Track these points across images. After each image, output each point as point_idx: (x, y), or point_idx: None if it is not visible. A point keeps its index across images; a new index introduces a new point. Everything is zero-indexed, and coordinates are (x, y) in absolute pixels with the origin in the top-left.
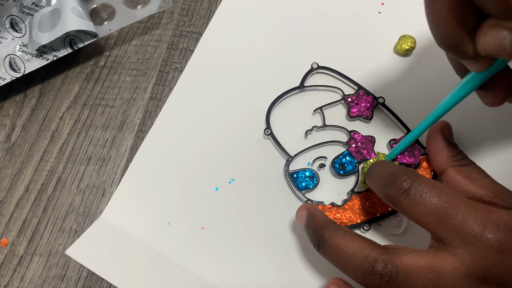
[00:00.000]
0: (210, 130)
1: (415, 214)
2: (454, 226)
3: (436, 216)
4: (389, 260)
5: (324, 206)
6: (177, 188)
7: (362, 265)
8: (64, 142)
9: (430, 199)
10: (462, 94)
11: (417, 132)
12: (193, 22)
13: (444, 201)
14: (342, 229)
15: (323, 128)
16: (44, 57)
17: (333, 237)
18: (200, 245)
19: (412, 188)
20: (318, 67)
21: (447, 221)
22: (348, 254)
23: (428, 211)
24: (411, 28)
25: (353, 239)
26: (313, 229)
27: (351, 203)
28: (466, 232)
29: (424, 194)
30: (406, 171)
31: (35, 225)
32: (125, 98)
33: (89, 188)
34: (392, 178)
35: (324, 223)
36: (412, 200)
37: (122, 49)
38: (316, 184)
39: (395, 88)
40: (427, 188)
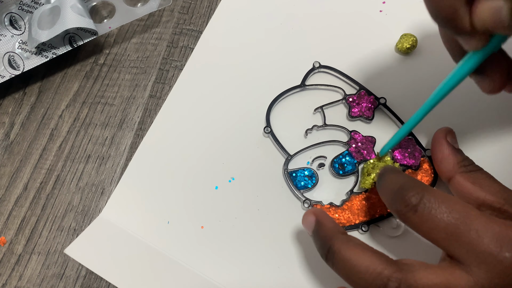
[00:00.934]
0: (210, 129)
1: (425, 230)
2: (468, 244)
3: (447, 233)
4: (403, 279)
5: (323, 206)
6: (176, 187)
7: (374, 283)
8: (63, 140)
9: (441, 215)
10: (458, 77)
11: (412, 122)
12: (193, 20)
13: (456, 217)
14: (353, 241)
15: (323, 127)
16: (43, 54)
17: (343, 250)
18: (199, 244)
19: (421, 204)
20: (320, 66)
21: (460, 238)
22: (359, 270)
23: (438, 228)
24: (413, 27)
25: (364, 253)
26: (322, 238)
27: (350, 204)
28: (481, 251)
29: (434, 210)
30: (415, 186)
31: (33, 224)
32: (125, 96)
33: (88, 186)
34: (401, 193)
35: (334, 233)
36: (421, 216)
37: (122, 47)
38: (315, 183)
39: (397, 88)
40: (437, 204)
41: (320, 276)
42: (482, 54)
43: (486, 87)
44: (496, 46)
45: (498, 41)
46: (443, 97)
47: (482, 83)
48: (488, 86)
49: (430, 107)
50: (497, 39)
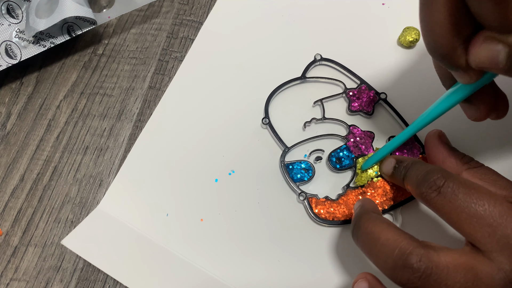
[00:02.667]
0: (210, 120)
1: (447, 212)
2: (489, 227)
3: (468, 215)
4: (424, 254)
5: (318, 199)
6: (176, 179)
7: (394, 256)
8: (60, 131)
9: (463, 197)
10: (447, 105)
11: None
12: (193, 11)
13: (477, 200)
14: (381, 219)
15: (322, 120)
16: (41, 44)
17: (369, 224)
18: (199, 237)
19: (445, 185)
20: (322, 59)
21: (481, 221)
22: (380, 242)
23: (460, 209)
24: (415, 20)
25: (389, 228)
26: (355, 216)
27: (346, 198)
28: (503, 235)
29: (457, 191)
30: (441, 170)
31: (30, 215)
32: (124, 87)
33: (86, 178)
34: (426, 176)
35: (367, 211)
36: (444, 197)
37: (121, 38)
38: (311, 176)
39: (398, 83)
40: (461, 186)
41: (320, 270)
42: (473, 87)
43: (471, 115)
44: (487, 80)
45: (490, 76)
46: (430, 122)
47: (468, 111)
48: (474, 115)
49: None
50: (489, 75)
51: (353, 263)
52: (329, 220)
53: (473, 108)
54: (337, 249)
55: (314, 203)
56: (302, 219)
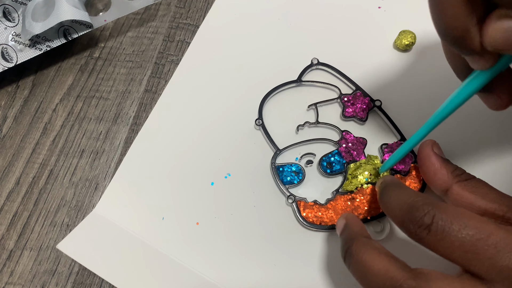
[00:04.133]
0: (206, 123)
1: (441, 250)
2: (488, 259)
3: (464, 251)
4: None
5: (307, 203)
6: (172, 183)
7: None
8: (56, 134)
9: (456, 232)
10: (464, 96)
11: (416, 138)
12: (190, 14)
13: (472, 234)
14: (372, 244)
15: (315, 124)
16: (37, 47)
17: (360, 251)
18: (194, 240)
19: (434, 222)
20: (318, 63)
21: (478, 255)
22: (373, 272)
23: (454, 246)
24: (411, 23)
25: (380, 257)
26: (344, 239)
27: (334, 203)
28: (503, 265)
29: (448, 228)
30: (425, 203)
31: (25, 219)
32: (120, 90)
33: (82, 181)
34: (412, 213)
35: (356, 235)
36: (435, 235)
37: (117, 41)
38: (301, 180)
39: (394, 89)
40: (451, 220)
41: (316, 274)
42: (490, 73)
43: (492, 104)
44: (505, 65)
45: (507, 60)
46: (448, 115)
47: (488, 100)
48: (495, 103)
49: (435, 124)
50: (506, 58)
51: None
52: (316, 224)
53: (493, 96)
54: (324, 253)
55: (302, 207)
56: (290, 222)
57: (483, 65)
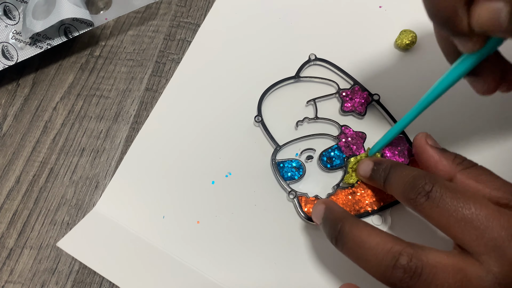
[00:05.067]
0: (207, 122)
1: (435, 217)
2: (477, 230)
3: (456, 218)
4: (414, 254)
5: (308, 198)
6: (172, 181)
7: (385, 258)
8: (57, 132)
9: (451, 201)
10: (452, 79)
11: (406, 120)
12: (191, 13)
13: (464, 203)
14: (363, 222)
15: (314, 120)
16: (38, 45)
17: (353, 229)
18: (195, 239)
19: (433, 190)
20: (316, 59)
21: (469, 224)
22: (370, 246)
23: (448, 213)
24: (412, 23)
25: (375, 232)
26: (332, 221)
27: (335, 198)
28: (490, 238)
29: (445, 196)
30: (427, 175)
31: (26, 217)
32: (121, 89)
33: (82, 180)
34: (413, 182)
35: (344, 215)
36: (432, 202)
37: (118, 39)
38: (301, 175)
39: (393, 85)
40: (448, 190)
41: (317, 272)
42: (478, 56)
43: (479, 88)
44: (492, 49)
45: (494, 44)
46: (437, 98)
47: (476, 84)
48: (482, 88)
49: (424, 107)
50: (494, 42)
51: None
52: None
53: (480, 81)
54: (326, 248)
55: (303, 202)
56: (291, 218)
57: (471, 48)
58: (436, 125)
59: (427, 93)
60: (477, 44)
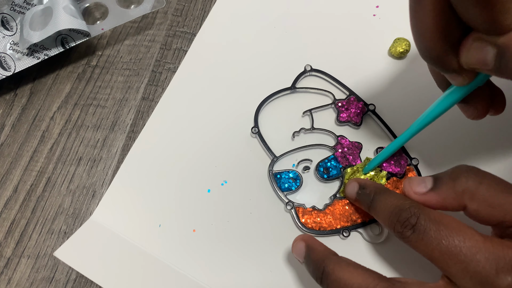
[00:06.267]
0: (203, 131)
1: (421, 248)
2: (462, 263)
3: (441, 251)
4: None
5: (305, 209)
6: (169, 190)
7: None
8: (54, 142)
9: (435, 234)
10: (443, 107)
11: (400, 141)
12: (187, 22)
13: (448, 236)
14: (345, 261)
15: (311, 130)
16: (35, 56)
17: (336, 269)
18: (191, 247)
19: (418, 223)
20: (311, 70)
21: (453, 257)
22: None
23: (433, 245)
24: (406, 31)
25: (357, 272)
26: (314, 262)
27: (333, 208)
28: (476, 271)
29: (428, 229)
30: (411, 206)
31: (23, 226)
32: (117, 98)
33: (79, 189)
34: (399, 214)
35: (326, 255)
36: (417, 235)
37: (114, 49)
38: (299, 186)
39: (388, 94)
40: (432, 222)
41: (313, 282)
42: (467, 89)
43: (469, 114)
44: (481, 82)
45: (483, 78)
46: (428, 124)
47: (466, 110)
48: (472, 114)
49: (418, 130)
50: (482, 76)
51: None
52: (315, 229)
53: (471, 107)
54: None
55: (301, 213)
56: (290, 228)
57: (461, 82)
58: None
59: (419, 118)
60: (467, 79)
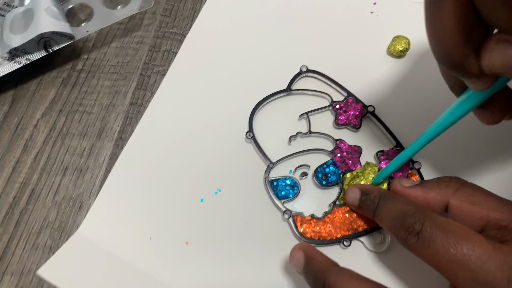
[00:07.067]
0: (195, 137)
1: (427, 257)
2: (471, 272)
3: (448, 260)
4: None
5: (304, 217)
6: (159, 200)
7: None
8: (38, 151)
9: (442, 242)
10: (460, 114)
11: (410, 151)
12: (176, 23)
13: (456, 244)
14: (348, 272)
15: (308, 134)
16: (16, 60)
17: (338, 282)
18: (184, 261)
19: (423, 230)
20: (307, 71)
21: (462, 266)
22: None
23: (440, 254)
24: (405, 29)
25: (361, 285)
26: (314, 273)
27: (332, 216)
28: (486, 281)
29: (435, 236)
30: (416, 212)
31: (6, 242)
32: (104, 104)
33: (65, 200)
34: (403, 220)
35: (327, 265)
36: (423, 242)
37: (101, 52)
38: (296, 193)
39: (387, 95)
40: (439, 229)
41: None
42: (486, 93)
43: (485, 119)
44: (501, 86)
45: (504, 81)
46: (443, 131)
47: (482, 116)
48: (488, 119)
49: (431, 138)
50: (503, 80)
51: None
52: (315, 239)
53: (487, 113)
54: None
55: (299, 222)
56: (288, 238)
57: (481, 87)
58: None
59: (433, 125)
60: (487, 83)
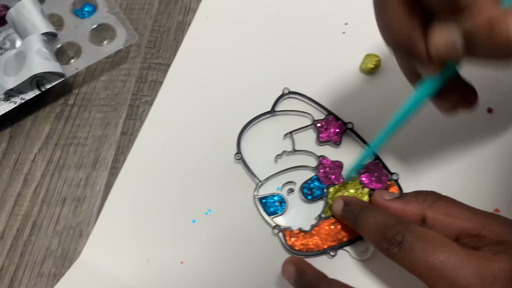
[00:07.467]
0: (185, 161)
1: (408, 265)
2: (447, 279)
3: (427, 267)
4: None
5: (292, 231)
6: (154, 223)
7: None
8: (37, 184)
9: (421, 251)
10: (416, 102)
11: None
12: (160, 53)
13: (433, 252)
14: (337, 284)
15: (293, 152)
16: (11, 100)
17: None
18: (180, 280)
19: (404, 241)
20: (289, 92)
21: (439, 273)
22: None
23: (419, 262)
24: (375, 47)
25: None
26: (305, 285)
27: (318, 229)
28: (461, 285)
29: (414, 246)
30: (397, 223)
31: (12, 272)
32: (97, 135)
33: (66, 229)
34: (385, 232)
35: (318, 279)
36: (404, 252)
37: (91, 86)
38: (284, 209)
39: (363, 110)
40: (418, 239)
41: None
42: (440, 81)
43: (443, 108)
44: (453, 72)
45: (453, 68)
46: (403, 121)
47: (439, 105)
48: (445, 108)
49: (392, 130)
50: (452, 66)
51: None
52: (303, 251)
53: (444, 100)
54: None
55: (288, 236)
56: (279, 252)
57: (431, 70)
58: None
59: (394, 116)
60: (437, 66)
